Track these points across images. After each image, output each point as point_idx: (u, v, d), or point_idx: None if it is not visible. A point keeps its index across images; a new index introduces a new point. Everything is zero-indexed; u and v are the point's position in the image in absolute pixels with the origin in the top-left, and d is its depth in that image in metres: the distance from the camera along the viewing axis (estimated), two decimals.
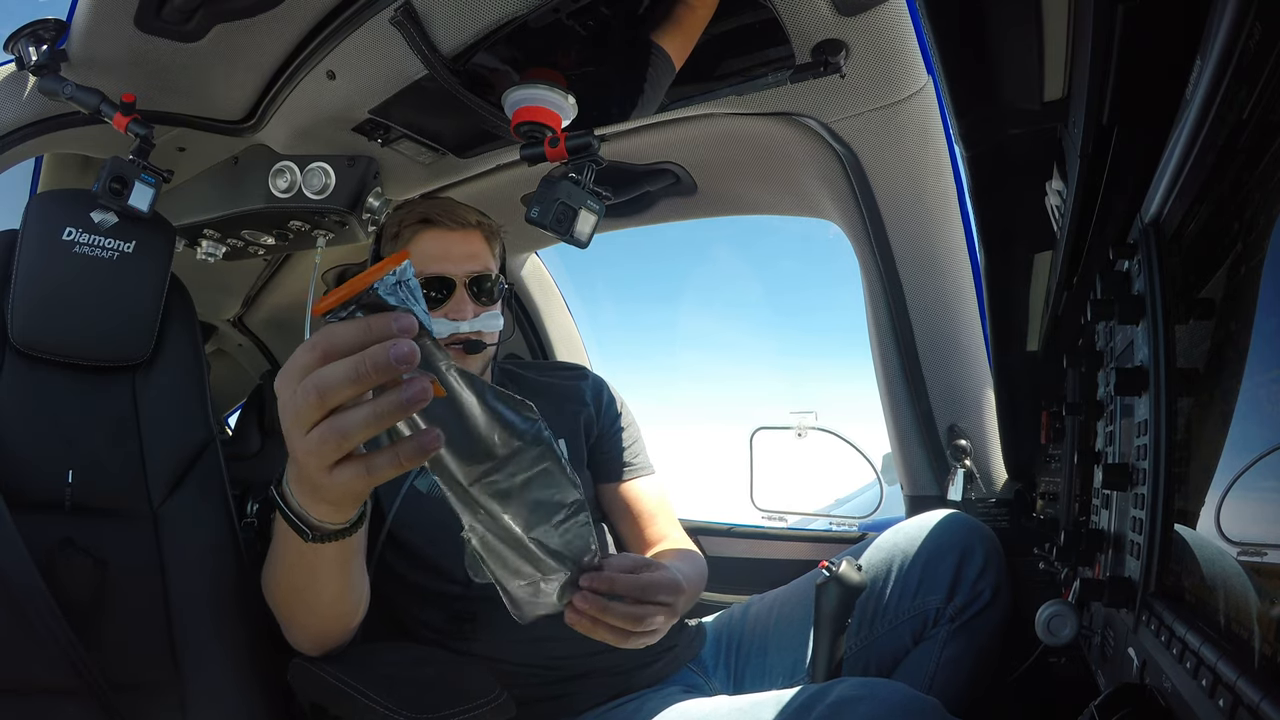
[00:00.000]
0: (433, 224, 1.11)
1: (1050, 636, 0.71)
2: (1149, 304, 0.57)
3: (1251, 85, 0.39)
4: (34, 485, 0.99)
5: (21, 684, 0.89)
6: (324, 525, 0.67)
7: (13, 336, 1.04)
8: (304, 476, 0.61)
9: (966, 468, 1.29)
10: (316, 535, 0.67)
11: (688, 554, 1.13)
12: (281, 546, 0.76)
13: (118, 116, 1.08)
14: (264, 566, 0.87)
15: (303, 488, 0.65)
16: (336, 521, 0.67)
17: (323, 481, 0.56)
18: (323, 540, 0.68)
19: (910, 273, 1.25)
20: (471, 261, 1.10)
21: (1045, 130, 0.66)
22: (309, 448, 0.54)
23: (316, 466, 0.55)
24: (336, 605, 0.83)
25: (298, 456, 0.56)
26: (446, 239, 1.10)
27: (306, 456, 0.55)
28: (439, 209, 1.12)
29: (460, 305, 1.08)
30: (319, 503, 0.65)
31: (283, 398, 0.55)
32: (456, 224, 1.11)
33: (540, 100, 0.99)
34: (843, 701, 0.76)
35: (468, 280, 1.09)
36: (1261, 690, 0.34)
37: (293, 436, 0.55)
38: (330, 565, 0.75)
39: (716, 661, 1.16)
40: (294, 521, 0.67)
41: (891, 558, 1.10)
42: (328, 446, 0.53)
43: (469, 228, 1.12)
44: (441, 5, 0.91)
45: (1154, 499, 0.55)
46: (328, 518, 0.67)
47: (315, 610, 0.84)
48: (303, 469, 0.58)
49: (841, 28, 0.91)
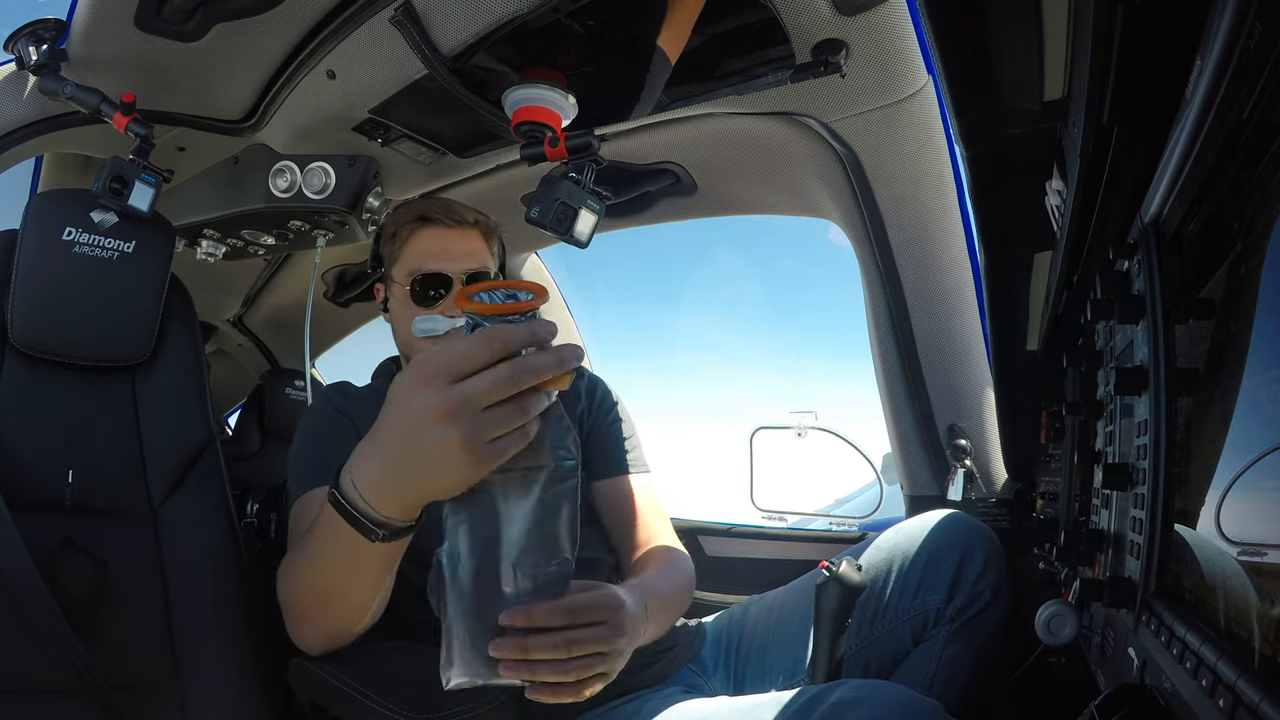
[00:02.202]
0: (431, 222, 1.11)
1: (1050, 636, 0.71)
2: (1149, 304, 0.57)
3: (1251, 85, 0.39)
4: (34, 485, 1.00)
5: (21, 684, 0.89)
6: (393, 523, 0.68)
7: (13, 336, 1.04)
8: (434, 462, 0.61)
9: (966, 468, 1.29)
10: (385, 535, 0.68)
11: (670, 562, 1.10)
12: (324, 544, 0.74)
13: (118, 116, 1.08)
14: (286, 563, 0.86)
15: (403, 479, 0.65)
16: (406, 520, 0.68)
17: (472, 461, 0.60)
18: (390, 539, 0.68)
19: (910, 272, 1.25)
20: (469, 259, 1.10)
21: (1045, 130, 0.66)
22: (483, 423, 0.59)
23: (481, 442, 0.59)
24: (365, 605, 0.82)
25: (458, 438, 0.59)
26: (444, 237, 1.10)
27: (480, 433, 0.59)
28: (437, 207, 1.12)
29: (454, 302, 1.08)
30: (412, 495, 0.66)
31: (440, 384, 0.60)
32: (454, 222, 1.11)
33: (540, 100, 0.99)
34: (843, 703, 0.76)
35: (465, 278, 1.09)
36: (1261, 690, 0.34)
37: (463, 418, 0.59)
38: (377, 564, 0.74)
39: (716, 661, 1.16)
40: (359, 521, 0.67)
41: (892, 558, 1.10)
42: (508, 418, 0.60)
43: (466, 226, 1.12)
44: (441, 5, 0.91)
45: (1154, 499, 0.55)
46: (401, 515, 0.67)
47: (341, 609, 0.83)
48: (457, 450, 0.60)
49: (841, 27, 0.91)
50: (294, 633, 0.88)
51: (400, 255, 1.12)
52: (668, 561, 1.10)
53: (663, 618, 0.98)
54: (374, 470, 0.66)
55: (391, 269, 1.13)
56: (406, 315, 1.10)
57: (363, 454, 0.67)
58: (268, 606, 0.89)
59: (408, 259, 1.11)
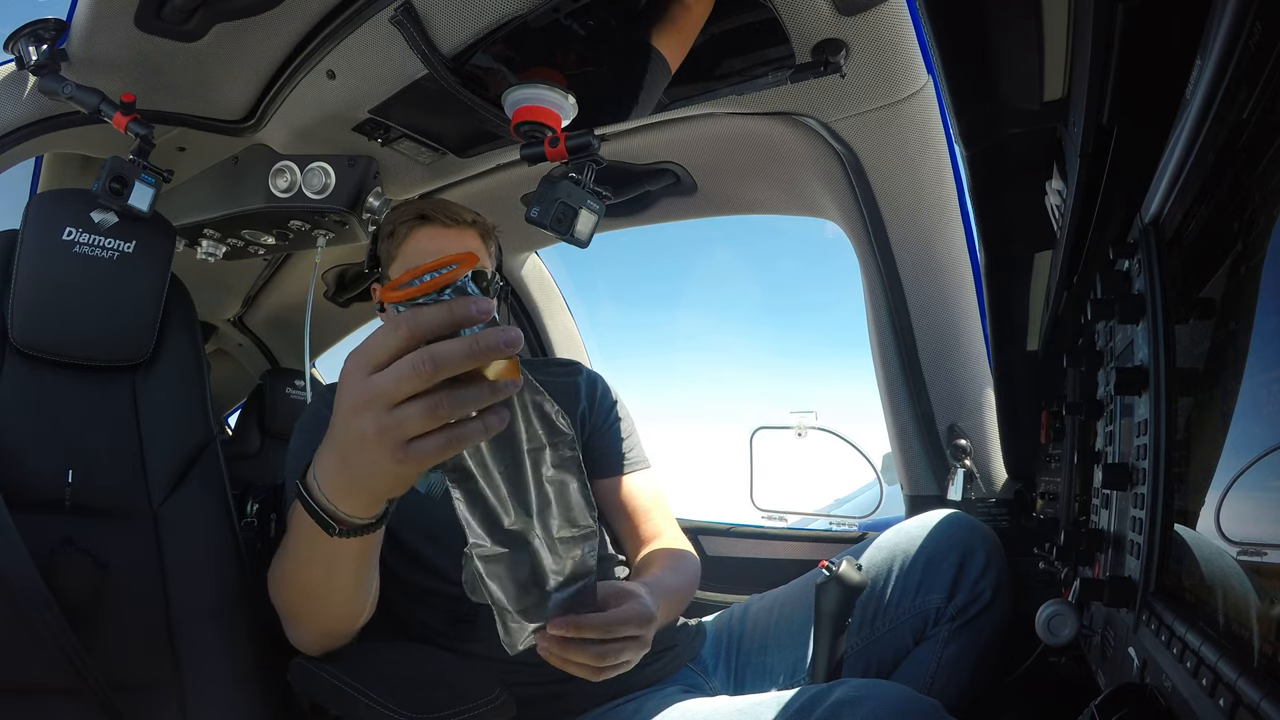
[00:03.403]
0: (429, 221, 1.12)
1: (1050, 636, 0.71)
2: (1149, 304, 0.57)
3: (1251, 85, 0.39)
4: (34, 485, 1.00)
5: (21, 684, 0.89)
6: (350, 520, 0.67)
7: (13, 336, 1.04)
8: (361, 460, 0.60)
9: (966, 467, 1.29)
10: (342, 530, 0.67)
11: (678, 558, 1.12)
12: (300, 542, 0.75)
13: (118, 116, 1.08)
14: (273, 563, 0.87)
15: (345, 476, 0.64)
16: (364, 517, 0.68)
17: (389, 461, 0.56)
18: (347, 535, 0.68)
19: (910, 272, 1.25)
20: None
21: (1045, 130, 0.66)
22: (396, 422, 0.55)
23: (395, 441, 0.56)
24: (349, 603, 0.83)
25: (367, 439, 0.56)
26: (442, 236, 1.11)
27: (391, 430, 0.55)
28: (435, 206, 1.13)
29: None
30: (358, 493, 0.65)
31: (359, 378, 0.56)
32: (452, 221, 1.12)
33: (540, 100, 0.99)
34: (843, 703, 0.76)
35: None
36: (1261, 690, 0.34)
37: (370, 414, 0.55)
38: (350, 562, 0.75)
39: (716, 661, 1.16)
40: (319, 515, 0.67)
41: (892, 557, 1.10)
42: (424, 417, 0.54)
43: (464, 225, 1.13)
44: (441, 5, 0.91)
45: (1154, 499, 0.55)
46: (357, 512, 0.67)
47: (327, 608, 0.84)
48: (372, 448, 0.57)
49: (841, 27, 0.91)
50: (290, 634, 0.89)
51: (397, 254, 1.12)
52: (675, 558, 1.11)
53: (669, 614, 1.00)
54: (328, 465, 0.66)
55: (389, 268, 1.14)
56: None
57: (321, 448, 0.66)
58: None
59: (404, 257, 1.11)
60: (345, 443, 0.60)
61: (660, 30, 0.92)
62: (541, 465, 0.64)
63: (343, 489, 0.65)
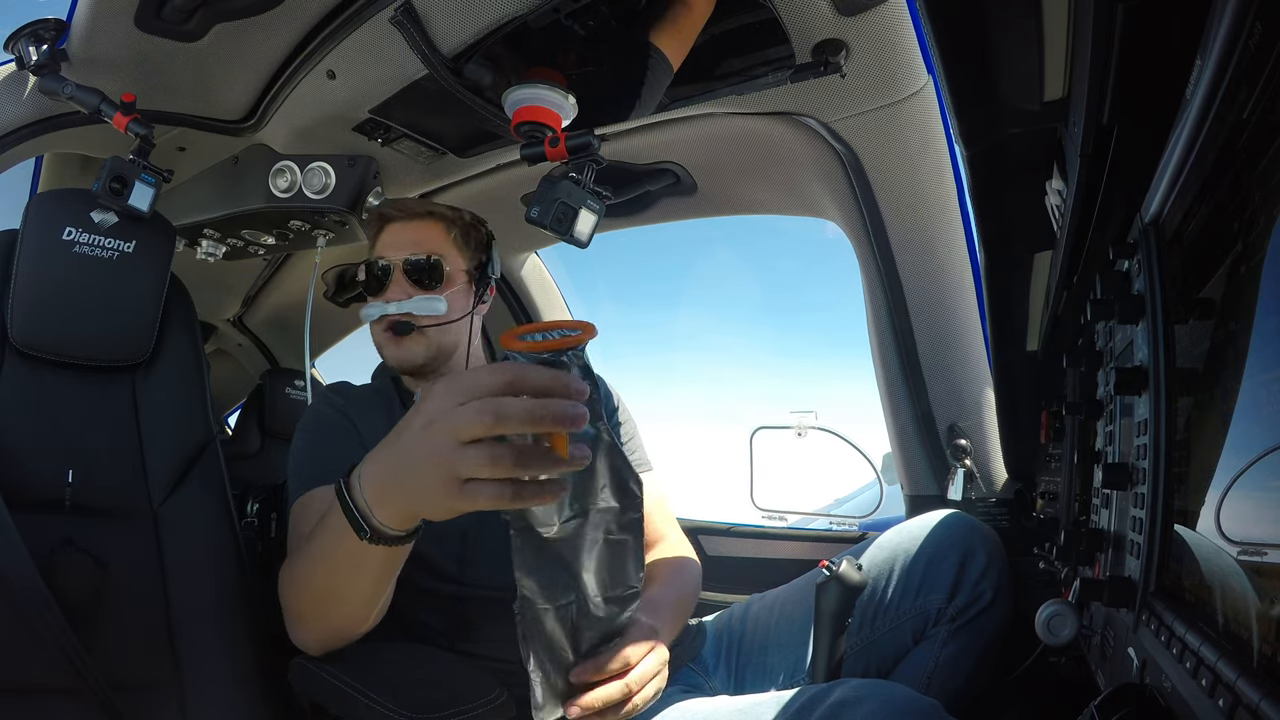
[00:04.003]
0: (387, 219, 1.16)
1: (1050, 636, 0.71)
2: (1149, 304, 0.57)
3: (1251, 85, 0.39)
4: (34, 485, 1.00)
5: (21, 684, 0.89)
6: (384, 528, 0.68)
7: (13, 336, 1.04)
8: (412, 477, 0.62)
9: (966, 467, 1.29)
10: (373, 536, 0.68)
11: (680, 569, 1.13)
12: (326, 542, 0.76)
13: (118, 116, 1.08)
14: (290, 561, 0.87)
15: (392, 486, 0.66)
16: (397, 529, 0.69)
17: (439, 489, 0.59)
18: (376, 542, 0.69)
19: (910, 272, 1.25)
20: (414, 247, 1.13)
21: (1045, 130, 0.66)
22: (459, 458, 0.57)
23: (450, 475, 0.58)
24: (363, 609, 0.83)
25: (427, 462, 0.59)
26: (396, 230, 1.15)
27: (446, 465, 0.58)
28: (392, 204, 1.17)
29: (394, 288, 1.11)
30: (399, 505, 0.66)
31: (447, 404, 0.58)
32: (404, 215, 1.15)
33: (540, 100, 0.99)
34: (843, 703, 0.76)
35: (403, 264, 1.12)
36: (1261, 690, 0.34)
37: (437, 441, 0.58)
38: (373, 569, 0.75)
39: (717, 661, 1.16)
40: (354, 516, 0.68)
41: (893, 557, 1.10)
42: (484, 463, 0.57)
43: (417, 217, 1.15)
44: (441, 5, 0.91)
45: (1154, 499, 0.55)
46: (391, 522, 0.68)
47: (340, 610, 0.83)
48: (427, 471, 0.59)
49: (841, 27, 0.91)
50: (293, 633, 0.88)
51: (370, 255, 1.16)
52: (677, 570, 1.11)
53: (674, 630, 1.02)
54: (377, 470, 0.67)
55: None
56: None
57: (376, 451, 0.68)
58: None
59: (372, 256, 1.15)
60: (403, 454, 0.62)
61: (661, 30, 0.92)
62: (606, 525, 0.65)
63: (383, 497, 0.67)
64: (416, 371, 1.14)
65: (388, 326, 1.11)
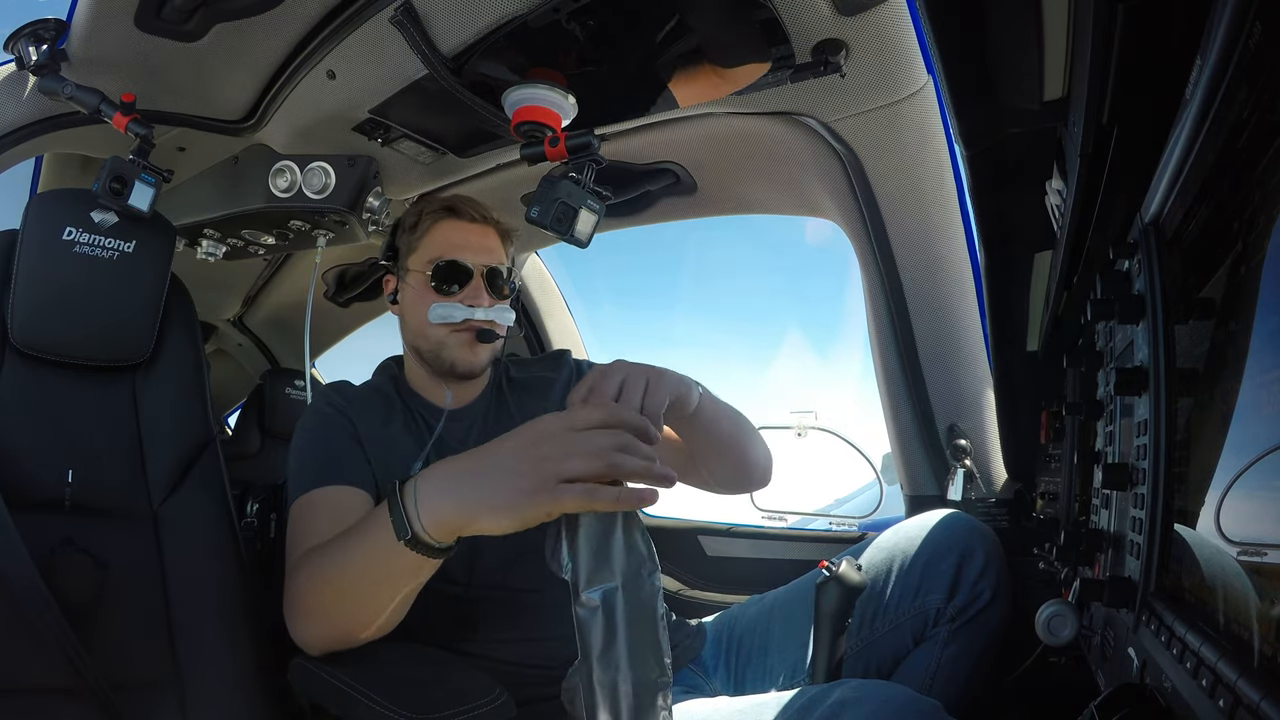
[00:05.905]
0: (455, 214, 1.13)
1: (1050, 636, 0.71)
2: (1149, 304, 0.57)
3: (1251, 85, 0.39)
4: (34, 485, 1.00)
5: (21, 684, 0.89)
6: (423, 535, 0.71)
7: (13, 336, 1.04)
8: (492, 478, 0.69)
9: (966, 468, 1.29)
10: (409, 540, 0.71)
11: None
12: (362, 540, 0.78)
13: (118, 116, 1.08)
14: (311, 556, 0.86)
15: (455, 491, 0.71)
16: (436, 539, 0.72)
17: (529, 484, 0.66)
18: (411, 547, 0.72)
19: (910, 272, 1.25)
20: (488, 255, 1.12)
21: (1045, 130, 0.66)
22: (580, 449, 0.67)
23: (551, 472, 0.66)
24: (379, 614, 0.83)
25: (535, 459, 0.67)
26: (466, 230, 1.12)
27: (563, 451, 0.67)
28: (462, 201, 1.14)
29: (477, 293, 1.10)
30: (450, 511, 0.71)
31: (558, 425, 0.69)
32: (477, 217, 1.13)
33: (540, 100, 0.99)
34: (843, 703, 0.76)
35: (485, 271, 1.11)
36: (1261, 690, 0.34)
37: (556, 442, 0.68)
38: (400, 575, 0.77)
39: (717, 661, 1.16)
40: (400, 515, 0.71)
41: (892, 557, 1.10)
42: (590, 455, 0.66)
43: (487, 223, 1.14)
44: (441, 5, 0.91)
45: (1154, 499, 0.55)
46: (433, 530, 0.71)
47: (357, 611, 0.83)
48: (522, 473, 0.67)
49: (841, 27, 0.91)
50: (296, 630, 0.87)
51: (419, 245, 1.12)
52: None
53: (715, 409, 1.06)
54: (442, 477, 0.72)
55: (409, 258, 1.13)
56: (422, 304, 1.10)
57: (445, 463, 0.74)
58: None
59: (428, 248, 1.11)
60: (491, 463, 0.69)
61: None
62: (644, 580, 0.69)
63: (437, 501, 0.71)
64: (470, 376, 1.13)
65: (469, 330, 1.09)
